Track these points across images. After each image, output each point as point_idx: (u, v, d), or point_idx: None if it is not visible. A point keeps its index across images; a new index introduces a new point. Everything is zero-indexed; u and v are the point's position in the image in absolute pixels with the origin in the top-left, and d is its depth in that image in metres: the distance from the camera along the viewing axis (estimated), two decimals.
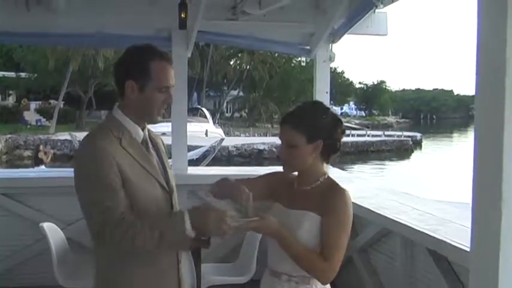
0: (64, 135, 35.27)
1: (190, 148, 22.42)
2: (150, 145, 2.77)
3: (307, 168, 2.86)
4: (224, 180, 2.88)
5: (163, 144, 2.96)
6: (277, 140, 2.93)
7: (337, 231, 2.75)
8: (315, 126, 2.80)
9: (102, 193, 2.51)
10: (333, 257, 2.73)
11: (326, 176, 2.89)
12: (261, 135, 48.86)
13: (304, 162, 2.82)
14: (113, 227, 2.48)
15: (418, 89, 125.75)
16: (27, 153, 34.13)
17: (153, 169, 2.69)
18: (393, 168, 35.91)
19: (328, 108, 2.93)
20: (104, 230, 2.49)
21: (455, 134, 73.68)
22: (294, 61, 65.11)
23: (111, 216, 2.49)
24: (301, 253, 2.73)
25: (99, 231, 2.51)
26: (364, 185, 6.93)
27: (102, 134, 2.62)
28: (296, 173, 2.95)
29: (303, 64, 63.57)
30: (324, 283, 2.81)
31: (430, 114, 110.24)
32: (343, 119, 3.00)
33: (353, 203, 2.84)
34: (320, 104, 3.01)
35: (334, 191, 2.81)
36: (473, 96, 1.82)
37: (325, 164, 2.91)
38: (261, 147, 36.70)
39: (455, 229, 4.25)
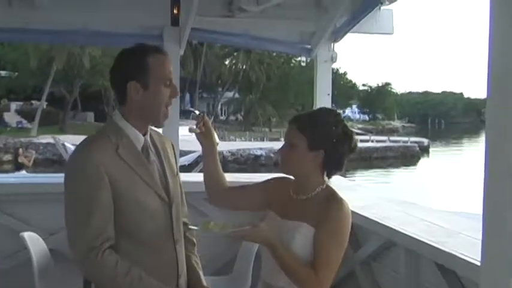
0: (47, 138, 35.31)
1: (182, 153, 22.35)
2: (151, 151, 2.78)
3: (304, 176, 2.86)
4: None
5: (174, 148, 3.00)
6: (275, 145, 2.94)
7: (328, 244, 2.73)
8: (320, 133, 2.79)
9: (89, 214, 2.53)
10: (322, 272, 2.71)
11: (324, 186, 2.88)
12: (257, 140, 48.93)
13: (301, 167, 2.83)
14: (96, 255, 2.53)
15: (426, 91, 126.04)
16: (7, 157, 34.12)
17: (150, 178, 2.69)
18: (398, 176, 35.96)
19: (342, 120, 2.90)
20: (88, 255, 2.53)
21: (465, 140, 73.74)
22: (293, 61, 65.31)
23: (94, 241, 2.53)
24: (292, 265, 2.72)
25: (84, 257, 2.55)
26: (367, 194, 6.92)
27: (97, 142, 2.64)
28: (292, 178, 2.95)
29: (303, 64, 63.73)
30: None
31: (438, 118, 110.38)
32: None
33: (355, 213, 2.84)
34: (335, 113, 2.96)
35: (330, 200, 2.79)
36: (484, 99, 1.82)
37: (325, 176, 2.90)
38: (258, 152, 36.70)
39: (464, 241, 4.24)
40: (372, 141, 51.05)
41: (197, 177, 8.08)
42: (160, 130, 6.55)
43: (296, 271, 2.72)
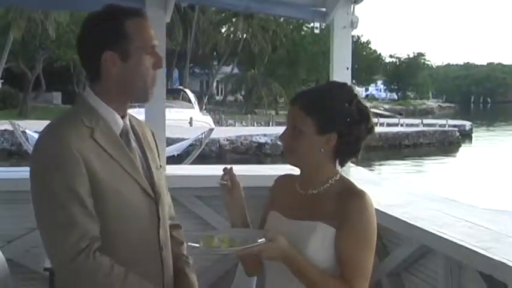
0: (3, 124, 35.24)
1: (170, 141, 22.38)
2: (131, 137, 2.79)
3: (313, 166, 2.86)
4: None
5: (153, 135, 3.00)
6: (282, 131, 2.92)
7: (358, 248, 2.74)
8: (332, 114, 2.79)
9: (69, 210, 2.51)
10: (357, 281, 2.72)
11: (338, 177, 2.88)
12: (261, 125, 48.95)
13: (309, 155, 2.83)
14: (87, 258, 2.51)
15: (468, 63, 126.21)
16: None
17: (133, 169, 2.71)
18: (434, 167, 35.98)
19: (356, 95, 2.90)
20: (75, 260, 2.50)
21: None
22: (305, 28, 65.22)
23: (80, 243, 2.50)
24: (319, 280, 2.72)
25: (70, 263, 2.52)
26: (396, 189, 6.92)
27: (69, 125, 2.63)
28: (298, 172, 2.95)
29: (316, 32, 63.72)
30: None
31: (483, 96, 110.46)
32: (369, 104, 2.97)
33: (381, 212, 2.83)
34: (347, 87, 2.96)
35: (349, 195, 2.80)
36: None
37: (337, 164, 2.91)
38: (262, 139, 36.73)
39: None
40: (402, 124, 51.11)
41: (188, 170, 8.09)
42: (143, 113, 6.58)
43: (326, 286, 2.72)
